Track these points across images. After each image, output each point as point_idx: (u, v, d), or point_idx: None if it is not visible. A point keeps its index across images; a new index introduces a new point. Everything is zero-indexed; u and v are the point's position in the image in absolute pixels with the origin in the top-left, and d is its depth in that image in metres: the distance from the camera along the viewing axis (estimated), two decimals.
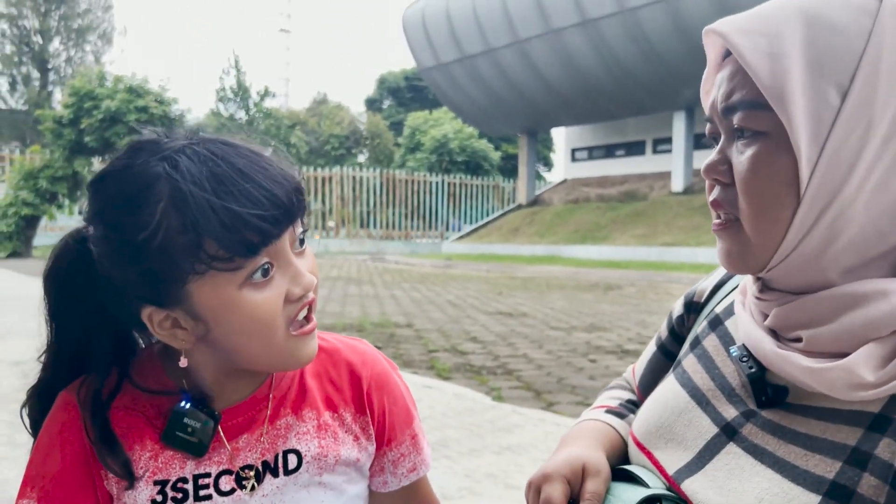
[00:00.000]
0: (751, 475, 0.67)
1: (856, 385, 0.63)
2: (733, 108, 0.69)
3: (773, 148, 0.66)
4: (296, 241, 0.77)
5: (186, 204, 0.68)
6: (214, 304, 0.72)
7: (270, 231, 0.71)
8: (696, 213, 22.89)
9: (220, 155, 0.72)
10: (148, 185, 0.70)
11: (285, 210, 0.72)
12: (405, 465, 0.90)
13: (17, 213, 22.18)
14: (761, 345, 0.71)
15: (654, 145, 30.98)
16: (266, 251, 0.72)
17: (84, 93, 22.23)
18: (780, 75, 0.64)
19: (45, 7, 43.80)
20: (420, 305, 9.85)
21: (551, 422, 3.86)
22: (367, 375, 0.89)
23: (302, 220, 0.77)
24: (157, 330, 0.75)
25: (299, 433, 0.83)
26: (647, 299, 11.13)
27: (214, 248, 0.69)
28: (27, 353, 5.62)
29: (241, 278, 0.71)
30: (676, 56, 23.36)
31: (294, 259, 0.75)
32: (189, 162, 0.70)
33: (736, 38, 0.67)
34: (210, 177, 0.70)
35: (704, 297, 0.91)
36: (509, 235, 30.11)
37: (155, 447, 0.79)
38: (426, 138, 40.51)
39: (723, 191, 0.72)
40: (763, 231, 0.68)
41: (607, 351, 6.25)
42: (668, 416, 0.78)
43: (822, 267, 0.67)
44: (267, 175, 0.72)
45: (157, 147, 0.73)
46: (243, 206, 0.69)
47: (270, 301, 0.73)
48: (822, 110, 0.63)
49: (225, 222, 0.68)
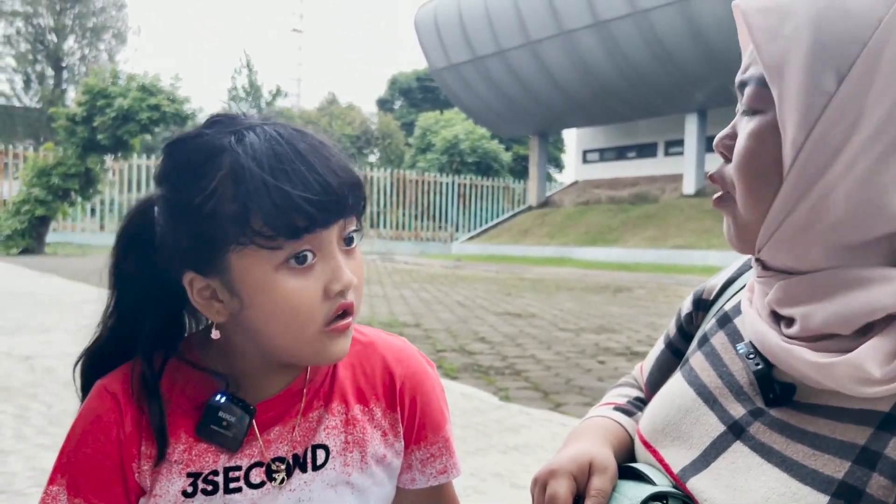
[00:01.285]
0: (757, 474, 0.66)
1: (863, 380, 0.62)
2: (744, 83, 0.70)
3: (766, 126, 0.66)
4: (343, 238, 0.76)
5: (242, 177, 0.70)
6: (250, 281, 0.72)
7: (317, 217, 0.71)
8: (708, 215, 22.78)
9: (286, 137, 0.73)
10: (213, 153, 0.72)
11: (336, 201, 0.72)
12: (435, 465, 0.89)
13: (30, 210, 22.33)
14: (767, 339, 0.70)
15: (665, 147, 30.86)
16: (309, 238, 0.72)
17: (97, 91, 22.35)
18: (782, 55, 0.64)
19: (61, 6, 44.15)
20: (428, 305, 9.85)
21: (558, 422, 3.84)
22: (401, 372, 0.88)
23: (358, 218, 0.77)
24: (196, 298, 0.76)
25: (328, 427, 0.82)
26: (657, 301, 11.09)
27: (259, 224, 0.70)
28: (37, 349, 5.67)
29: (279, 259, 0.72)
30: (689, 58, 23.27)
31: (338, 254, 0.75)
32: (254, 138, 0.72)
33: (752, 16, 0.67)
34: (270, 154, 0.71)
35: (713, 295, 0.90)
36: (519, 237, 30.06)
37: (189, 440, 0.79)
38: (437, 139, 40.51)
39: (724, 165, 0.72)
40: (750, 208, 0.69)
41: (616, 353, 6.22)
42: (674, 413, 0.77)
43: (804, 248, 0.67)
44: (325, 164, 0.73)
45: (231, 122, 0.76)
46: (295, 188, 0.70)
47: (306, 290, 0.73)
48: (815, 95, 0.63)
49: (275, 200, 0.69)
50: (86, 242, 27.89)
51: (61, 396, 4.09)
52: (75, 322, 7.20)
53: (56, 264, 17.01)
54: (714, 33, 21.39)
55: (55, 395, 4.13)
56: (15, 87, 43.70)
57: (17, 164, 27.99)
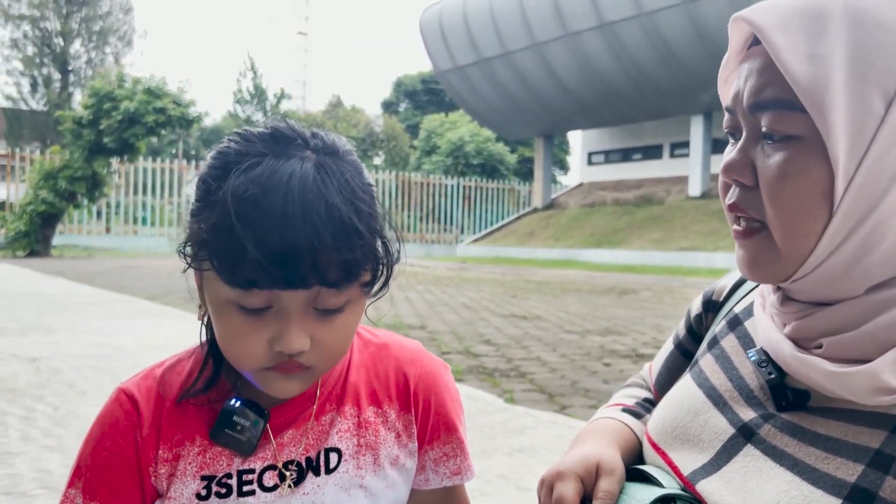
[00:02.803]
0: (769, 477, 0.65)
1: (880, 390, 0.60)
2: (762, 106, 0.64)
3: (807, 155, 0.61)
4: (322, 307, 0.70)
5: (216, 210, 0.68)
6: (210, 297, 0.74)
7: (272, 279, 0.66)
8: (714, 217, 22.71)
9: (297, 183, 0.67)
10: (220, 176, 0.70)
11: (299, 272, 0.66)
12: (449, 466, 0.89)
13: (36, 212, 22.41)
14: (781, 349, 0.68)
15: (671, 149, 30.79)
16: (262, 293, 0.68)
17: (103, 94, 22.42)
18: (819, 78, 0.59)
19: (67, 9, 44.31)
20: (434, 307, 9.84)
21: (563, 424, 3.83)
22: (415, 373, 0.88)
23: (362, 285, 0.72)
24: (195, 293, 0.77)
25: (340, 430, 0.82)
26: (663, 303, 11.05)
27: (216, 260, 0.69)
28: (43, 350, 5.68)
29: (233, 295, 0.70)
30: (695, 60, 23.21)
31: (295, 317, 0.69)
32: (259, 173, 0.68)
33: (774, 35, 0.61)
34: (255, 199, 0.66)
35: (723, 296, 0.88)
36: (525, 239, 30.03)
37: (203, 443, 0.79)
38: (442, 141, 40.52)
39: (744, 193, 0.67)
40: (793, 242, 0.64)
41: (622, 355, 6.20)
42: (683, 416, 0.76)
43: (850, 281, 0.63)
44: (314, 229, 0.65)
45: (281, 142, 0.71)
46: (257, 244, 0.65)
47: (249, 335, 0.71)
48: (865, 118, 0.58)
49: (231, 247, 0.66)
50: (92, 245, 27.97)
51: (67, 398, 4.09)
52: (81, 324, 7.21)
53: (62, 266, 17.06)
54: (719, 35, 21.31)
55: (61, 396, 4.13)
56: (22, 91, 43.82)
57: (24, 167, 28.10)
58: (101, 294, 10.53)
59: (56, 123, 27.28)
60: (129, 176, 29.92)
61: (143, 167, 29.74)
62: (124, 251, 26.47)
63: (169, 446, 0.79)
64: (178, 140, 43.39)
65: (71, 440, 3.32)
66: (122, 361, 5.31)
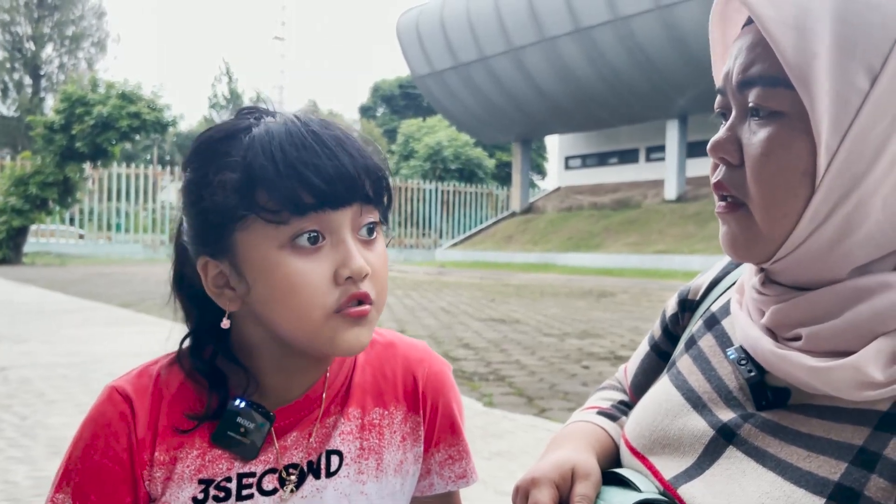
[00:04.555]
0: (752, 478, 0.63)
1: (864, 384, 0.59)
2: (750, 83, 0.64)
3: (790, 131, 0.61)
4: (361, 228, 0.73)
5: (251, 148, 0.69)
6: (255, 259, 0.70)
7: (325, 196, 0.68)
8: (690, 221, 22.93)
9: (304, 120, 0.72)
10: (232, 134, 0.71)
11: (349, 183, 0.70)
12: (454, 469, 0.87)
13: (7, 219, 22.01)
14: (760, 345, 0.67)
15: (647, 153, 31.05)
16: (317, 218, 0.69)
17: (76, 98, 22.10)
18: (805, 51, 0.59)
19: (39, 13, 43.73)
20: (413, 312, 9.81)
21: (543, 428, 3.82)
22: (423, 373, 0.86)
23: (381, 210, 0.75)
24: (210, 285, 0.73)
25: (343, 432, 0.79)
26: (641, 306, 11.12)
27: (265, 197, 0.68)
28: (13, 359, 5.56)
29: (284, 237, 0.69)
30: (670, 64, 23.44)
31: (350, 240, 0.71)
32: (273, 121, 0.72)
33: (761, 7, 0.61)
34: (285, 133, 0.70)
35: (699, 295, 0.87)
36: (503, 243, 30.10)
37: (203, 445, 0.75)
38: (420, 146, 40.52)
39: (729, 172, 0.66)
40: (773, 220, 0.63)
41: (600, 357, 6.22)
42: (661, 419, 0.74)
43: (832, 262, 0.62)
44: (344, 148, 0.70)
45: (258, 110, 0.75)
46: (306, 164, 0.68)
47: (311, 273, 0.69)
48: (849, 94, 0.58)
49: (281, 172, 0.67)
50: (65, 252, 27.51)
51: (36, 408, 4.00)
52: (54, 332, 7.08)
53: (34, 274, 16.78)
54: (694, 39, 21.57)
55: (30, 406, 4.05)
56: None
57: None
58: (74, 302, 10.36)
59: (27, 129, 26.92)
60: (102, 182, 29.51)
61: (117, 173, 29.32)
62: (98, 258, 26.08)
63: (166, 448, 0.75)
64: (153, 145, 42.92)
65: (38, 451, 3.24)
66: (95, 370, 5.21)
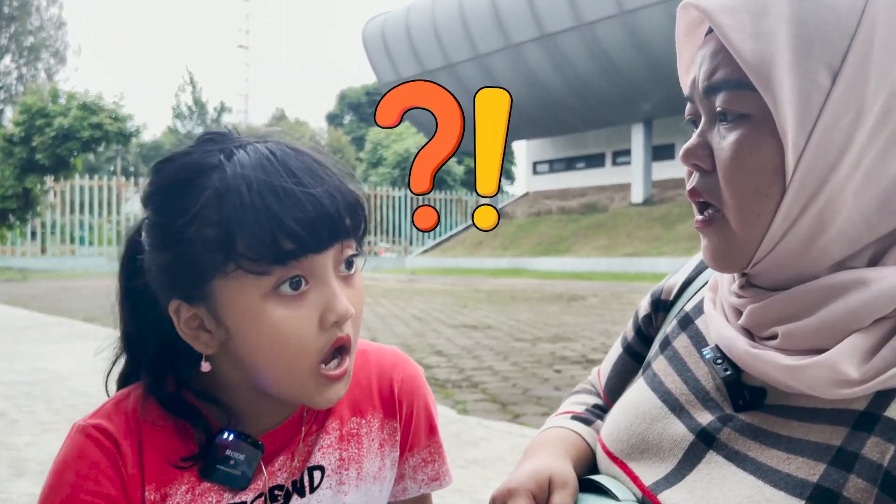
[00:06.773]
0: (732, 483, 0.62)
1: (839, 382, 0.58)
2: (716, 88, 0.64)
3: (758, 133, 0.61)
4: (342, 263, 0.70)
5: (227, 196, 0.65)
6: (238, 309, 0.67)
7: (307, 241, 0.65)
8: (656, 223, 23.22)
9: (279, 154, 0.67)
10: (199, 172, 0.67)
11: (330, 224, 0.66)
12: (427, 472, 0.85)
13: None
14: (735, 345, 0.66)
15: (613, 157, 31.40)
16: (299, 264, 0.65)
17: (36, 110, 21.70)
18: (765, 55, 0.59)
19: None
20: (384, 320, 9.75)
21: (517, 434, 3.81)
22: (398, 378, 0.84)
23: (358, 241, 0.72)
24: (183, 328, 0.70)
25: (323, 446, 0.78)
26: (611, 309, 11.20)
27: (244, 247, 0.64)
28: None
29: (267, 286, 0.65)
30: (634, 70, 23.76)
31: (334, 281, 0.68)
32: (244, 155, 0.67)
33: (719, 16, 0.62)
34: (259, 172, 0.65)
35: (673, 295, 0.86)
36: (473, 249, 30.16)
37: (192, 479, 0.72)
38: (388, 153, 40.47)
39: (702, 178, 0.67)
40: (748, 223, 0.63)
41: (572, 361, 6.24)
42: (639, 423, 0.73)
43: (808, 260, 0.62)
44: (320, 183, 0.67)
45: (223, 139, 0.71)
46: (284, 208, 0.64)
47: (298, 320, 0.67)
48: (811, 92, 0.58)
49: (260, 221, 0.64)
50: (26, 266, 26.87)
51: None
52: (14, 349, 6.89)
53: None
54: (657, 44, 21.89)
55: None
56: None
57: None
58: (37, 317, 10.11)
59: None
60: (64, 194, 28.94)
61: (79, 185, 28.78)
62: (61, 272, 25.50)
63: (155, 487, 0.71)
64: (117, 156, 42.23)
65: (2, 472, 3.14)
66: (58, 387, 5.08)
